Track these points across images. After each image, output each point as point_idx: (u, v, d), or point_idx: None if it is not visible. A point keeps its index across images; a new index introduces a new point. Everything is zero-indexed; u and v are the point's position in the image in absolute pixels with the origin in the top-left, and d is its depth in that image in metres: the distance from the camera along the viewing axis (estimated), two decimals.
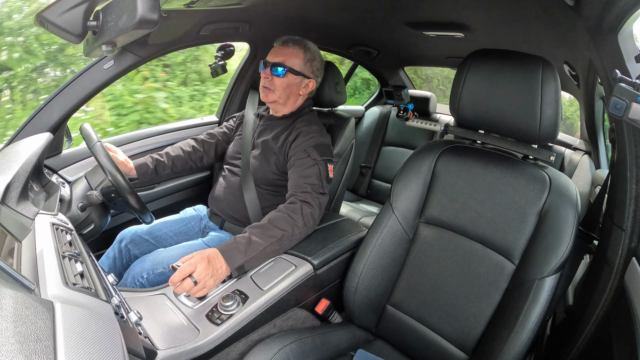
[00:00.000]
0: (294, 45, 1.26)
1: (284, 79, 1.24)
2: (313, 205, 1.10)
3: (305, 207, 1.08)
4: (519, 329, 0.83)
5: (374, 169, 2.53)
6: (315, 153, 1.18)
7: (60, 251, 0.68)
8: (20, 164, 0.88)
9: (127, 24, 0.71)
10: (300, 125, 1.25)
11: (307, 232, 1.10)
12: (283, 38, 1.28)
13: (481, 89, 0.96)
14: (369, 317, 1.09)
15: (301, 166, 1.16)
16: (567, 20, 1.02)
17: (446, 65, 2.57)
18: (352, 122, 1.53)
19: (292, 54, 1.25)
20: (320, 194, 1.13)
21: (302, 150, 1.19)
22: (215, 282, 0.91)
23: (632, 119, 0.60)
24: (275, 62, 1.24)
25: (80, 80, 1.22)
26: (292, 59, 1.25)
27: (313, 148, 1.19)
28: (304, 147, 1.19)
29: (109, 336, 0.48)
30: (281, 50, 1.26)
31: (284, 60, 1.24)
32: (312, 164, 1.16)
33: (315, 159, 1.17)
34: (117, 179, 0.99)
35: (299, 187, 1.13)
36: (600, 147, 1.73)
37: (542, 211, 0.90)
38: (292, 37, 1.28)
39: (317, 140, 1.21)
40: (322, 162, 1.18)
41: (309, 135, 1.22)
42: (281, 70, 1.23)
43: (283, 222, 1.04)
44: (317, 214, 1.11)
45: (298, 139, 1.22)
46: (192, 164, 1.42)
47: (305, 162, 1.16)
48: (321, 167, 1.16)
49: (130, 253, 1.27)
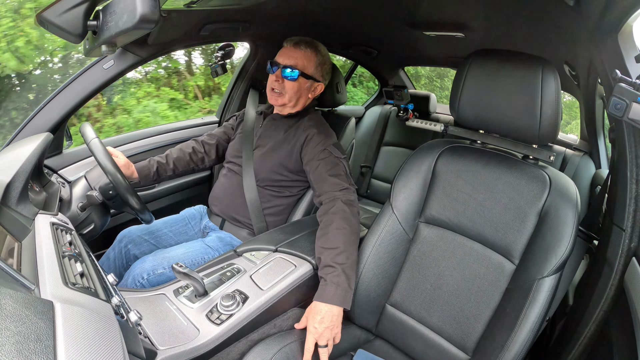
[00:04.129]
0: (307, 48, 1.23)
1: (295, 83, 1.22)
2: (352, 199, 1.10)
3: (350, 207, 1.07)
4: (519, 329, 0.83)
5: (374, 169, 2.53)
6: (337, 151, 1.19)
7: (60, 251, 0.68)
8: (20, 164, 0.88)
9: (127, 23, 0.71)
10: (310, 125, 1.25)
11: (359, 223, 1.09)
12: (294, 39, 1.25)
13: (481, 89, 0.96)
14: (369, 317, 1.09)
15: (326, 166, 1.16)
16: (567, 20, 1.02)
17: (446, 65, 2.57)
18: (352, 122, 1.53)
19: (305, 57, 1.23)
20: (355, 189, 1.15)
21: (323, 150, 1.18)
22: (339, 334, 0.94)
23: (632, 119, 0.60)
24: (287, 64, 1.21)
25: (80, 80, 1.22)
26: (305, 62, 1.23)
27: (333, 146, 1.20)
28: (324, 146, 1.19)
29: (109, 336, 0.48)
30: (293, 52, 1.23)
31: (295, 63, 1.22)
32: (337, 162, 1.17)
33: (337, 157, 1.18)
34: (116, 177, 0.99)
35: (335, 187, 1.12)
36: (600, 147, 1.73)
37: (542, 211, 0.90)
38: (304, 39, 1.25)
39: (333, 139, 1.23)
40: (344, 160, 1.19)
41: (324, 134, 1.22)
42: (293, 74, 1.21)
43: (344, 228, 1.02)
44: (357, 207, 1.11)
45: (314, 139, 1.21)
46: (194, 165, 1.42)
47: (330, 160, 1.17)
48: (345, 164, 1.18)
49: (130, 253, 1.27)
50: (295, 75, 1.21)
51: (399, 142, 2.47)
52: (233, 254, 1.12)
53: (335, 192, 1.10)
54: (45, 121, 1.19)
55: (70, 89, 1.21)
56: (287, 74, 1.21)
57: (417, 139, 2.39)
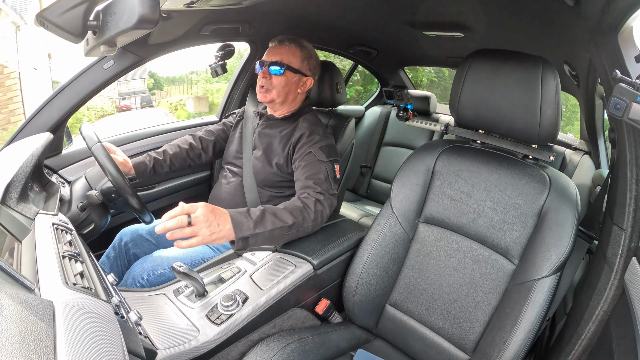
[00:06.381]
0: (290, 44, 1.26)
1: (282, 77, 1.24)
2: (324, 205, 1.09)
3: (317, 205, 1.07)
4: (519, 329, 0.83)
5: (373, 169, 2.53)
6: (322, 154, 1.18)
7: (60, 251, 0.68)
8: (20, 164, 0.88)
9: (127, 23, 0.71)
10: (304, 126, 1.25)
11: (314, 228, 1.09)
12: (278, 37, 1.28)
13: (481, 89, 0.96)
14: (369, 317, 1.10)
15: (308, 167, 1.16)
16: (567, 20, 1.02)
17: (446, 65, 2.57)
18: (352, 122, 1.53)
19: (289, 52, 1.25)
20: (331, 195, 1.13)
21: (308, 152, 1.18)
22: (210, 237, 0.85)
23: (632, 119, 0.60)
24: (273, 60, 1.24)
25: (80, 80, 1.22)
26: (290, 57, 1.25)
27: (319, 149, 1.19)
28: (309, 148, 1.19)
29: (109, 336, 0.48)
30: (278, 49, 1.25)
31: (281, 58, 1.24)
32: (319, 165, 1.16)
33: (321, 160, 1.17)
34: (118, 179, 0.99)
35: (308, 187, 1.11)
36: (600, 147, 1.73)
37: (542, 211, 0.90)
38: (287, 36, 1.28)
39: (322, 141, 1.21)
40: (329, 163, 1.18)
41: (313, 136, 1.21)
42: (279, 69, 1.23)
43: (298, 211, 1.02)
44: (327, 213, 1.10)
45: (302, 140, 1.21)
46: (191, 161, 1.41)
47: (312, 163, 1.16)
48: (328, 168, 1.16)
49: (130, 252, 1.27)
50: (282, 70, 1.23)
51: (399, 142, 2.47)
52: (233, 254, 1.12)
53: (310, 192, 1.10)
54: (45, 121, 1.19)
55: (70, 89, 1.21)
56: (273, 70, 1.23)
57: (417, 139, 2.39)
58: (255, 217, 0.94)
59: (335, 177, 1.18)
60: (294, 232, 1.02)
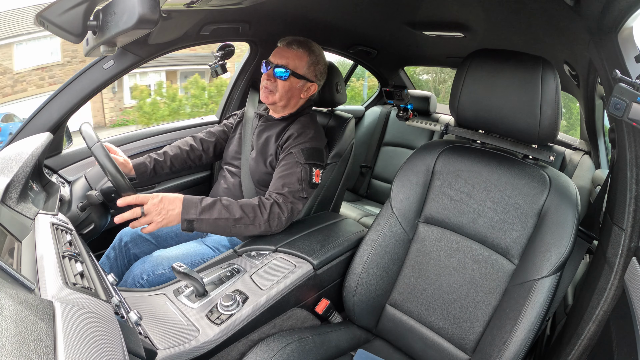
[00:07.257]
0: (299, 48, 1.24)
1: (286, 82, 1.22)
2: (283, 208, 1.11)
3: (274, 207, 1.10)
4: (519, 329, 0.83)
5: (373, 169, 2.53)
6: (301, 156, 1.17)
7: (60, 251, 0.68)
8: (20, 164, 0.88)
9: (127, 23, 0.71)
10: (295, 127, 1.24)
11: (267, 230, 1.11)
12: (287, 39, 1.25)
13: (481, 89, 0.96)
14: (369, 317, 1.10)
15: (283, 167, 1.17)
16: (567, 20, 1.02)
17: (446, 65, 2.57)
18: (352, 122, 1.53)
19: (296, 57, 1.23)
20: (297, 198, 1.13)
21: (289, 153, 1.18)
22: (164, 221, 0.99)
23: (632, 119, 0.60)
24: (279, 64, 1.22)
25: (80, 80, 1.22)
26: (296, 62, 1.23)
27: (300, 151, 1.18)
28: (292, 149, 1.19)
29: (109, 336, 0.48)
30: (285, 52, 1.23)
31: (287, 62, 1.22)
32: (295, 166, 1.16)
33: (298, 161, 1.16)
34: (118, 179, 0.99)
35: (275, 189, 1.14)
36: (600, 147, 1.73)
37: (542, 211, 0.90)
38: (297, 39, 1.25)
39: (307, 143, 1.20)
40: (307, 166, 1.17)
41: (300, 137, 1.21)
42: (284, 73, 1.21)
43: (250, 208, 1.07)
44: (285, 217, 1.12)
45: (289, 140, 1.21)
46: (191, 163, 1.42)
47: (289, 164, 1.16)
48: (304, 171, 1.16)
49: (130, 252, 1.27)
50: (287, 75, 1.22)
51: (399, 142, 2.47)
52: (233, 254, 1.12)
53: (272, 194, 1.13)
54: (45, 121, 1.19)
55: (70, 89, 1.21)
56: (278, 73, 1.22)
57: (417, 139, 2.39)
58: (204, 204, 1.04)
59: (310, 181, 1.17)
60: (242, 226, 1.06)
